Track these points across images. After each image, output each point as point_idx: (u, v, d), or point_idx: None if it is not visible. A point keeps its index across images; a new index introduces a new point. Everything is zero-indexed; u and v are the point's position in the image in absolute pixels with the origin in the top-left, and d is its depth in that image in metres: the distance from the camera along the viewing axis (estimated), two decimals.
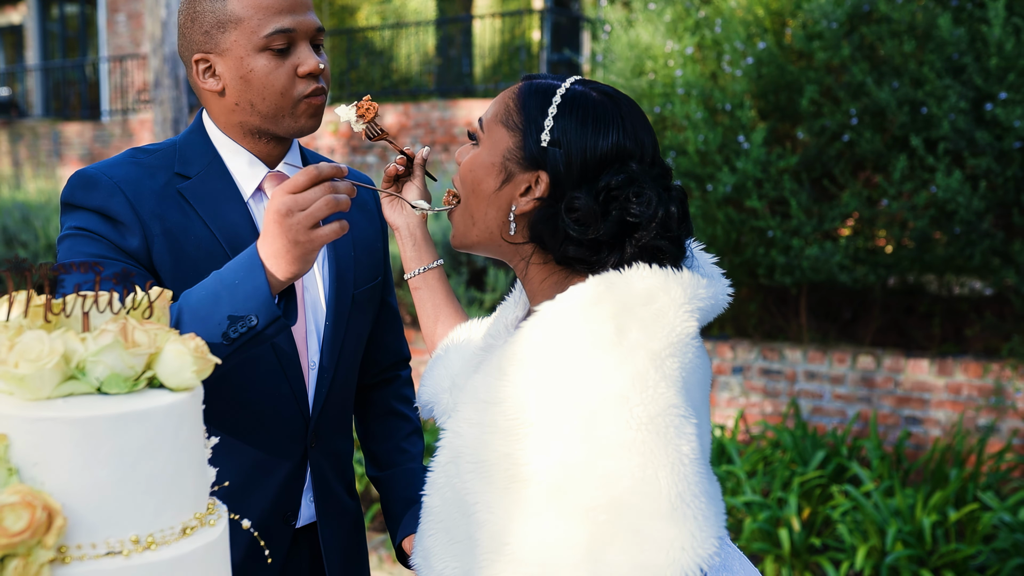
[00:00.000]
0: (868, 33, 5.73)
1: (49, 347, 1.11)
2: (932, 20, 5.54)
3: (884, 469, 5.11)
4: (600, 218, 1.41)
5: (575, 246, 1.43)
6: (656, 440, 1.29)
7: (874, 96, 5.60)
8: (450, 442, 1.45)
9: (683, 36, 6.36)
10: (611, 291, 1.38)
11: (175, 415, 1.15)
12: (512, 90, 1.53)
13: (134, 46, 16.95)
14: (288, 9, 1.71)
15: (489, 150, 1.50)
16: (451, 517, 1.43)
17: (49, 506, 1.04)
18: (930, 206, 5.58)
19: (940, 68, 5.48)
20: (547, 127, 1.45)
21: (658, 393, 1.31)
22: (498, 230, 1.50)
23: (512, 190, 1.48)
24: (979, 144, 5.37)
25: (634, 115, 1.47)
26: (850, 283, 5.88)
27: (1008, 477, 5.16)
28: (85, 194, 1.70)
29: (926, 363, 5.83)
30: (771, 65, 5.92)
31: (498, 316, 1.68)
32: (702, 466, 1.34)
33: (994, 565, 4.36)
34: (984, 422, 5.63)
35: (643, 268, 1.40)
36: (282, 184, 1.48)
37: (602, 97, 1.47)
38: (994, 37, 5.26)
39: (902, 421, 5.88)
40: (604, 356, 1.33)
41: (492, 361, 1.45)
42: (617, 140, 1.44)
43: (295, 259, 1.47)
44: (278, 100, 1.72)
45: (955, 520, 4.59)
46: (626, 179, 1.42)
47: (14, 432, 1.08)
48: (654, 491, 1.28)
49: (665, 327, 1.36)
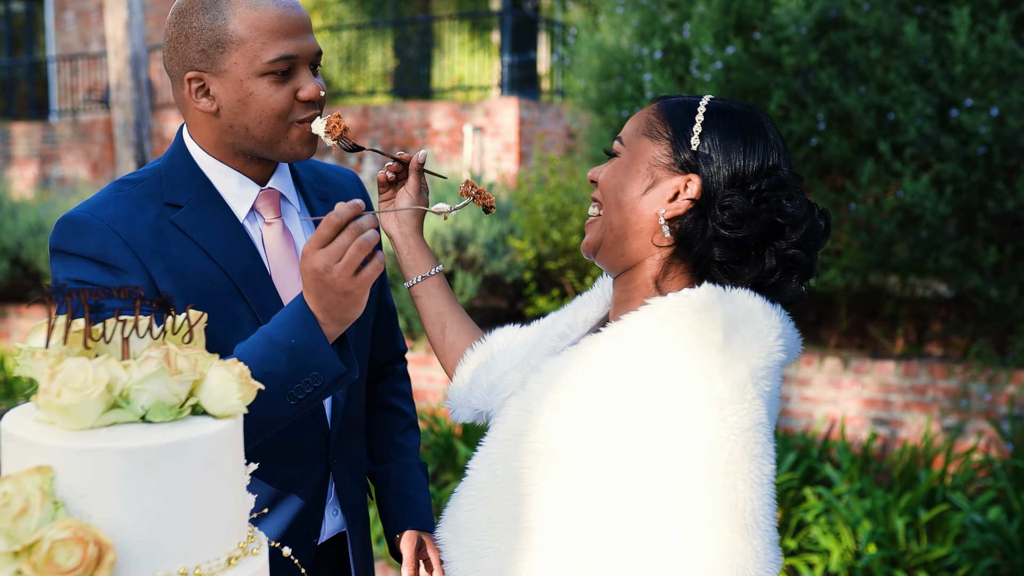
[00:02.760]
0: (835, 39, 5.79)
1: (93, 376, 1.07)
2: (898, 27, 5.61)
3: (854, 471, 5.18)
4: (752, 216, 1.44)
5: (723, 247, 1.45)
6: (743, 453, 1.30)
7: (841, 101, 5.66)
8: (514, 418, 1.45)
9: (651, 40, 6.38)
10: (722, 300, 1.41)
11: (221, 443, 1.12)
12: (651, 107, 1.57)
13: (83, 44, 16.65)
14: (292, 33, 1.66)
15: (633, 159, 1.53)
16: (497, 496, 1.43)
17: (100, 541, 1.00)
18: (896, 210, 5.66)
19: (906, 74, 5.55)
20: (696, 132, 1.49)
21: (753, 408, 1.33)
22: (636, 236, 1.52)
23: (659, 195, 1.50)
24: (945, 150, 5.46)
25: (774, 126, 1.53)
26: (817, 287, 5.94)
27: (975, 477, 5.25)
28: (78, 240, 1.63)
29: (892, 365, 5.91)
30: (740, 70, 5.97)
31: (574, 309, 1.68)
32: (773, 491, 1.35)
33: (965, 565, 4.43)
34: (950, 423, 5.73)
35: (747, 291, 1.45)
36: (309, 240, 1.46)
37: (743, 108, 1.52)
38: (959, 44, 5.34)
39: (869, 423, 5.95)
40: (711, 358, 1.35)
41: (582, 347, 1.46)
42: (765, 148, 1.49)
43: (346, 308, 1.47)
44: (274, 124, 1.67)
45: (926, 521, 4.66)
46: (778, 181, 1.47)
47: (59, 464, 1.04)
48: (732, 501, 1.28)
49: (765, 348, 1.39)
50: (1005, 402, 5.58)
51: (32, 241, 8.81)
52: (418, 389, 6.96)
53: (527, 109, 12.14)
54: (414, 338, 7.13)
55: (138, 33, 7.08)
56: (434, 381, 7.13)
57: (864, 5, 5.66)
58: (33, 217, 9.00)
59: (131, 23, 7.01)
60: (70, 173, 15.02)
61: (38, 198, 10.59)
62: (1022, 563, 4.31)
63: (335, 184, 1.97)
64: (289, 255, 1.78)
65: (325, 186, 1.93)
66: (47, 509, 1.02)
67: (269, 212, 1.78)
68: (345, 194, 1.97)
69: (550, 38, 14.48)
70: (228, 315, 1.66)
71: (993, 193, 5.51)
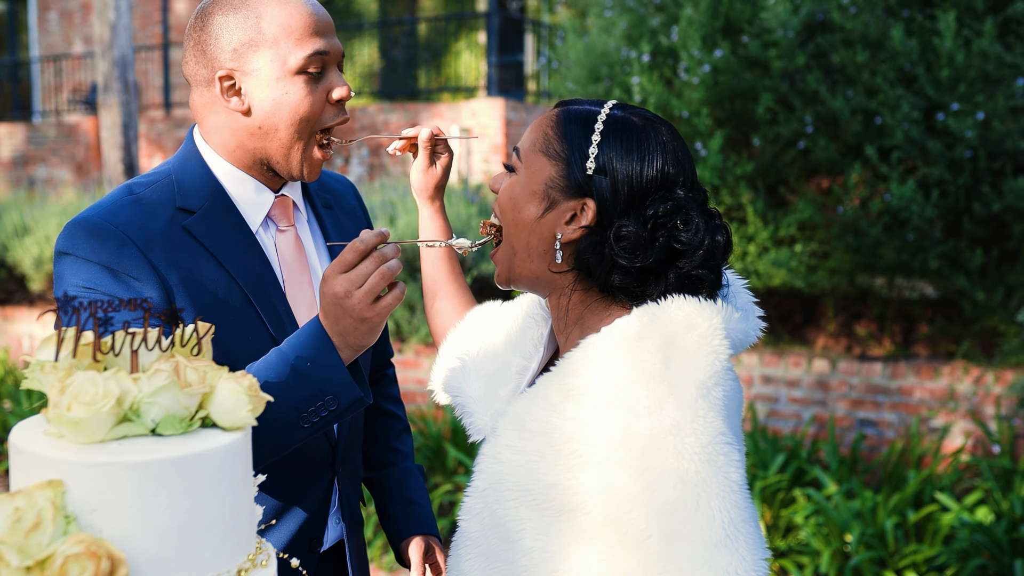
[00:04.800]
0: (822, 42, 5.82)
1: (104, 389, 1.07)
2: (885, 31, 5.65)
3: (843, 472, 5.20)
4: (648, 245, 1.41)
5: (621, 275, 1.43)
6: (708, 469, 1.30)
7: (828, 105, 5.69)
8: (489, 467, 1.45)
9: (639, 43, 6.40)
10: (655, 322, 1.39)
11: (231, 455, 1.12)
12: (549, 117, 1.51)
13: (67, 45, 16.56)
14: (322, 31, 1.66)
15: (529, 179, 1.49)
16: (490, 543, 1.43)
17: (113, 555, 1.01)
18: (883, 213, 5.69)
19: (893, 78, 5.59)
20: (592, 154, 1.44)
21: (708, 422, 1.33)
22: (540, 259, 1.49)
23: (556, 218, 1.46)
24: (931, 153, 5.49)
25: (675, 140, 1.47)
26: (806, 288, 5.97)
27: (962, 478, 5.29)
28: (91, 246, 1.59)
29: (879, 366, 5.94)
30: (727, 73, 5.99)
31: (522, 328, 1.66)
32: (746, 491, 1.35)
33: (953, 565, 4.46)
34: (937, 424, 5.76)
35: (679, 298, 1.42)
36: (332, 264, 1.46)
37: (643, 122, 1.47)
38: (945, 49, 5.38)
39: (856, 424, 5.99)
40: (655, 388, 1.34)
41: (537, 390, 1.45)
42: (662, 166, 1.44)
43: (363, 335, 1.47)
44: (303, 128, 1.66)
45: (914, 521, 4.68)
46: (674, 206, 1.42)
47: (70, 478, 1.04)
48: (707, 520, 1.29)
49: (709, 356, 1.37)
50: (992, 403, 5.62)
51: (18, 243, 8.75)
52: (407, 391, 6.95)
53: (514, 110, 12.15)
54: (403, 340, 7.13)
55: (125, 35, 7.05)
56: (423, 384, 7.13)
57: (851, 9, 5.70)
58: (18, 219, 8.94)
59: (118, 24, 6.98)
60: (56, 175, 14.93)
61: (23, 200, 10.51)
62: (1010, 563, 4.34)
63: (335, 191, 1.97)
64: (301, 263, 1.78)
65: (327, 193, 1.94)
66: (59, 524, 1.02)
67: (283, 220, 1.78)
68: (344, 200, 1.98)
69: (536, 39, 14.49)
70: (239, 325, 1.66)
71: (979, 196, 5.54)
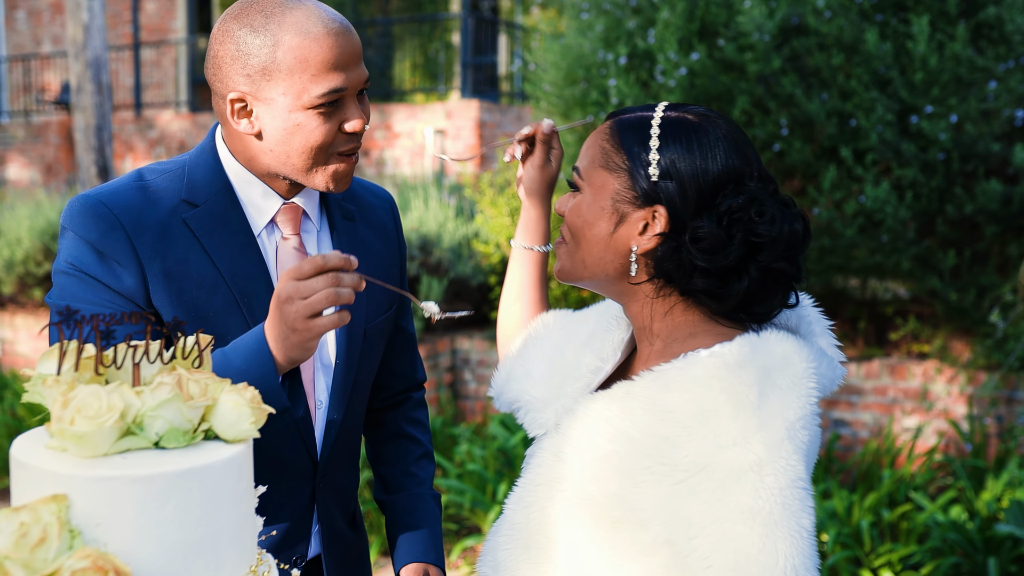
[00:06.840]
0: (798, 46, 5.87)
1: (107, 403, 1.07)
2: (859, 35, 5.70)
3: (818, 472, 5.25)
4: (726, 243, 1.39)
5: (703, 277, 1.40)
6: (781, 512, 1.28)
7: (803, 107, 5.74)
8: (548, 464, 1.43)
9: (616, 46, 6.42)
10: (756, 354, 1.37)
11: (235, 467, 1.12)
12: (602, 131, 1.48)
13: (35, 44, 16.39)
14: (342, 65, 1.60)
15: (595, 196, 1.46)
16: (534, 537, 1.41)
17: (119, 569, 1.01)
18: (858, 215, 5.75)
19: (867, 81, 5.64)
20: (653, 160, 1.42)
21: (789, 465, 1.30)
22: (616, 273, 1.47)
23: (628, 231, 1.44)
24: (905, 155, 5.55)
25: (735, 131, 1.44)
26: None
27: (935, 477, 5.35)
28: (83, 223, 1.62)
29: (853, 366, 6.00)
30: (703, 76, 6.03)
31: (597, 330, 1.61)
32: (814, 540, 1.33)
33: (928, 564, 4.52)
34: (911, 424, 5.83)
35: (778, 332, 1.41)
36: (289, 269, 1.44)
37: (699, 118, 1.44)
38: (918, 52, 5.44)
39: (831, 424, 6.04)
40: (745, 420, 1.31)
41: (615, 397, 1.41)
42: (725, 160, 1.41)
43: (293, 346, 1.46)
44: (315, 155, 1.63)
45: (889, 521, 4.74)
46: (747, 199, 1.39)
47: (74, 492, 1.04)
48: (772, 561, 1.27)
49: (801, 397, 1.35)
50: (964, 402, 5.69)
51: None
52: None
53: (488, 111, 12.16)
54: None
55: (99, 36, 6.99)
56: None
57: (826, 13, 5.75)
58: None
59: (91, 26, 6.92)
60: (24, 175, 14.77)
61: None
62: (984, 561, 4.40)
63: (365, 203, 1.91)
64: None
65: (353, 204, 1.87)
66: (64, 538, 1.02)
67: (288, 227, 1.75)
68: (372, 213, 1.92)
69: (510, 41, 14.51)
70: (221, 323, 1.65)
71: (952, 198, 5.61)
